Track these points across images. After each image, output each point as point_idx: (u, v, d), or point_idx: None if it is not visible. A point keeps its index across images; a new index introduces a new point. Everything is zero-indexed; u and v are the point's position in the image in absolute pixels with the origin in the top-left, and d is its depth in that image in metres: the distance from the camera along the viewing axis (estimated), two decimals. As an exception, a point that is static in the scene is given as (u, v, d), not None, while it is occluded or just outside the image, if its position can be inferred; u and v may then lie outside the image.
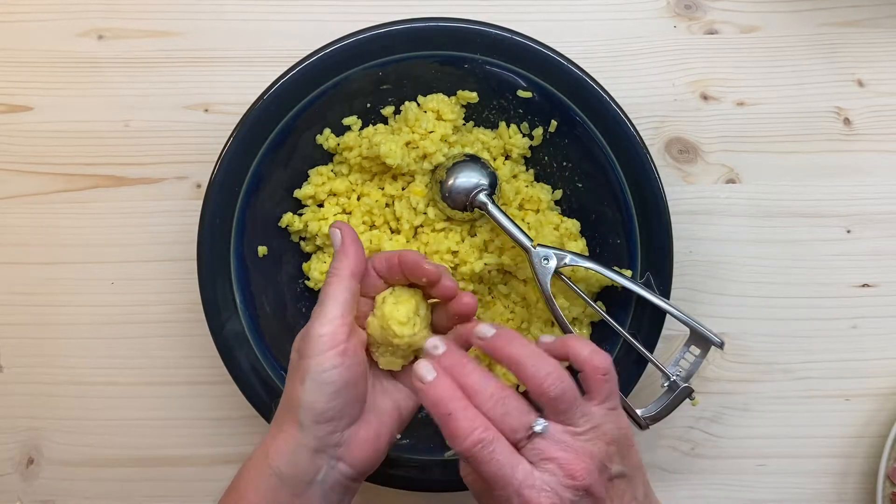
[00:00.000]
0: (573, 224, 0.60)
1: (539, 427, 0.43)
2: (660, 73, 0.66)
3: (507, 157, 0.62)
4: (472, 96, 0.60)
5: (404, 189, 0.61)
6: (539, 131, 0.61)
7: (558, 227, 0.60)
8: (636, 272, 0.59)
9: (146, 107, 0.65)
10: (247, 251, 0.59)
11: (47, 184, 0.65)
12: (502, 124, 0.61)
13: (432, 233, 0.60)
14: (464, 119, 0.61)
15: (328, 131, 0.60)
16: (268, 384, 0.58)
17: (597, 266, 0.57)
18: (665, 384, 0.57)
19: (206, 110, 0.65)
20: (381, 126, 0.61)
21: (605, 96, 0.59)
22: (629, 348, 0.58)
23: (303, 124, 0.59)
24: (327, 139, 0.60)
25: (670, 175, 0.65)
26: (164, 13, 0.66)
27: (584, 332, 0.60)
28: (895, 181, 0.65)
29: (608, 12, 0.66)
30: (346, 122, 0.60)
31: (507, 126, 0.61)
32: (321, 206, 0.61)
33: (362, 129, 0.61)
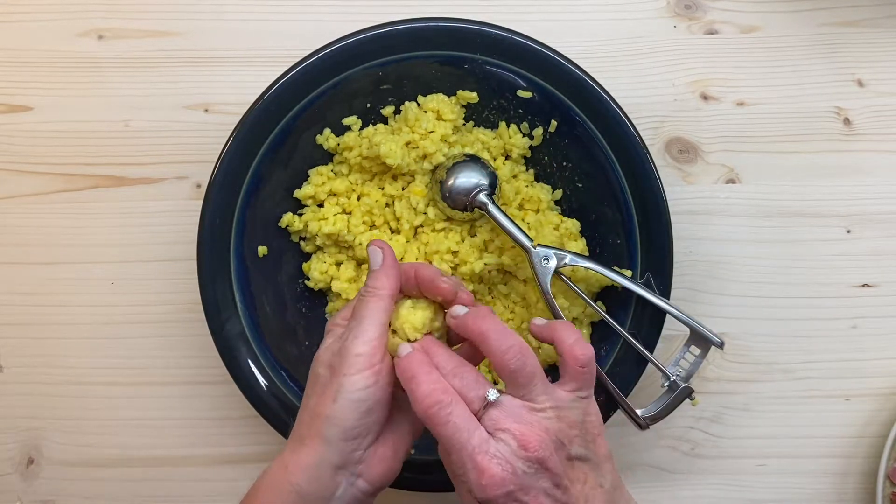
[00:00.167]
0: (573, 224, 0.60)
1: (492, 396, 0.45)
2: (660, 73, 0.66)
3: (507, 157, 0.62)
4: (472, 96, 0.60)
5: (404, 189, 0.61)
6: (539, 131, 0.61)
7: (558, 227, 0.60)
8: (636, 272, 0.59)
9: (146, 107, 0.65)
10: (247, 251, 0.59)
11: (47, 184, 0.65)
12: (502, 124, 0.61)
13: (432, 233, 0.60)
14: (464, 119, 0.61)
15: (328, 131, 0.60)
16: (268, 384, 0.58)
17: (597, 266, 0.57)
18: (665, 384, 0.57)
19: (206, 110, 0.65)
20: (381, 126, 0.61)
21: (605, 96, 0.58)
22: (629, 348, 0.58)
23: (303, 124, 0.59)
24: (327, 139, 0.60)
25: (670, 175, 0.65)
26: (164, 13, 0.66)
27: (585, 331, 0.60)
28: (895, 181, 0.66)
29: (608, 12, 0.66)
30: (346, 122, 0.60)
31: (507, 126, 0.61)
32: (321, 206, 0.61)
33: (362, 129, 0.61)
